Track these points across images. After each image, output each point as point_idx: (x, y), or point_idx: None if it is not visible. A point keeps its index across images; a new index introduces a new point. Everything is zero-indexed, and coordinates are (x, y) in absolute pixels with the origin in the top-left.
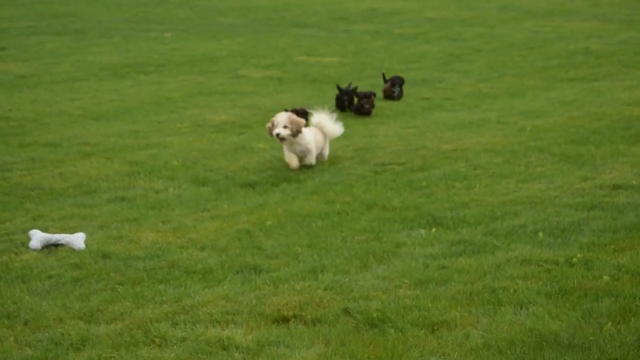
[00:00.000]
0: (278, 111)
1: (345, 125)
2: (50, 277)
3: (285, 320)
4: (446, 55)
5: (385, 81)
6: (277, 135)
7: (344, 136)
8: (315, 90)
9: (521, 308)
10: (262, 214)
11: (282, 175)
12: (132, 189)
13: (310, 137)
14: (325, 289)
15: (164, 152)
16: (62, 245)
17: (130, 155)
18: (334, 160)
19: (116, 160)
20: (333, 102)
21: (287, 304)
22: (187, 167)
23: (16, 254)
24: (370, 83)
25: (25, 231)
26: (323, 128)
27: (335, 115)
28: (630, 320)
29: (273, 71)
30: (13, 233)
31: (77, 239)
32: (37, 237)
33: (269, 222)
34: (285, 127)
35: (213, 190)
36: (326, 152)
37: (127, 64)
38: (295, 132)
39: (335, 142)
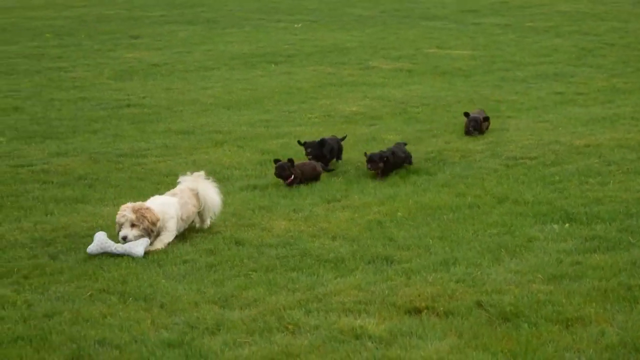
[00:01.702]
0: (409, 103)
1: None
2: (185, 262)
3: (417, 311)
4: (578, 49)
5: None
6: (124, 239)
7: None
8: (445, 82)
9: None
10: (392, 205)
11: (412, 167)
12: (263, 177)
13: (171, 211)
14: (457, 282)
15: (295, 141)
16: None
17: (261, 144)
18: (464, 153)
19: (248, 149)
20: (460, 94)
21: (419, 295)
22: None
23: None
24: (500, 76)
25: None
26: (201, 194)
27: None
28: None
29: (403, 63)
30: None
31: (137, 247)
32: (97, 243)
33: (399, 214)
34: (133, 225)
35: (344, 180)
36: (205, 220)
37: (257, 54)
38: (150, 228)
39: (465, 135)
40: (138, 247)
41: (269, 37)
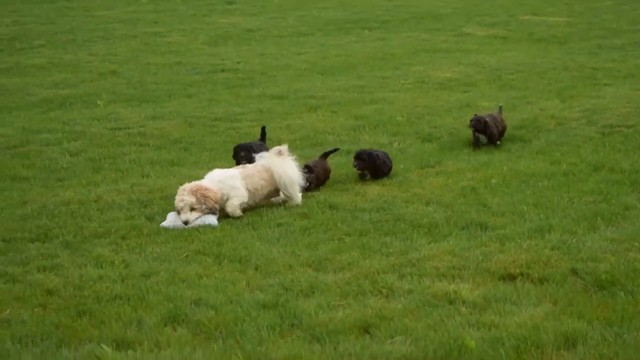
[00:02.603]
0: (503, 69)
1: (570, 87)
2: (279, 225)
3: (511, 277)
4: None
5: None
6: (186, 223)
7: (570, 96)
8: (540, 50)
9: None
10: (487, 171)
11: (506, 133)
12: (357, 142)
13: (237, 184)
14: (552, 249)
15: (388, 107)
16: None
17: (355, 110)
18: (560, 120)
19: (342, 114)
20: (555, 62)
21: (513, 262)
22: (411, 123)
23: None
24: (597, 44)
25: None
26: (273, 170)
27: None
28: None
29: (497, 29)
30: None
31: (210, 218)
32: (170, 220)
33: (494, 180)
34: (193, 209)
35: (437, 146)
36: (292, 197)
37: (351, 20)
38: (215, 207)
39: (561, 102)
40: (212, 217)
41: (363, 2)
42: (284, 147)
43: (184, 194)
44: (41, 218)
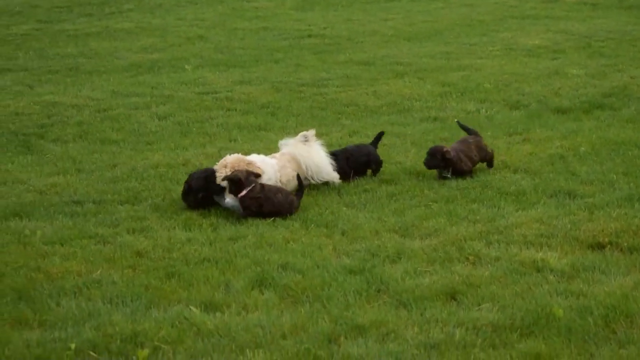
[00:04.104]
0: (593, 37)
1: None
2: (365, 191)
3: (600, 246)
4: None
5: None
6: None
7: None
8: (631, 17)
9: None
10: (575, 139)
11: (595, 101)
12: (444, 109)
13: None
14: None
15: (475, 74)
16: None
17: (442, 76)
18: None
19: (428, 81)
20: None
21: (602, 231)
22: (498, 90)
23: None
24: None
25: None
26: (299, 159)
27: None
28: None
29: None
30: (332, 145)
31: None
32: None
33: (582, 148)
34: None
35: (525, 114)
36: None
37: None
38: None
39: None
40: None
41: None
42: (311, 133)
43: (224, 173)
44: (130, 181)
